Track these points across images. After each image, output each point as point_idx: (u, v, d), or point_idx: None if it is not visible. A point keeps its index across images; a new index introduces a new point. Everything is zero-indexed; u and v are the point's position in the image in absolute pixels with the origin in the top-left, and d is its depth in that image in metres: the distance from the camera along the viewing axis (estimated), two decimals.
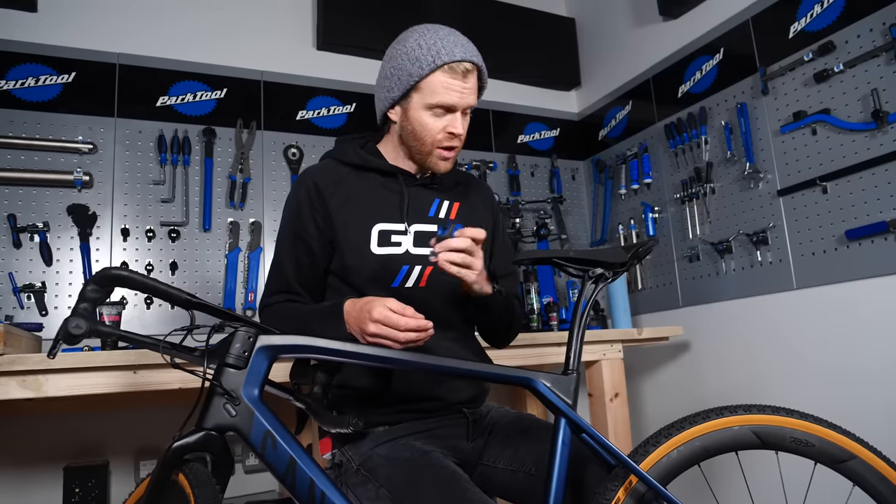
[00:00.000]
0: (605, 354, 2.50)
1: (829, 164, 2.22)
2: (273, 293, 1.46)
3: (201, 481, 1.07)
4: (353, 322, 1.27)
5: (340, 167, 1.50)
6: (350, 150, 1.52)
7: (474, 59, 1.38)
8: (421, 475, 1.22)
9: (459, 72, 1.36)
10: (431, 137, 1.41)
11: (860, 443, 1.16)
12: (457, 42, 1.38)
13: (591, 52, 3.49)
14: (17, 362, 1.57)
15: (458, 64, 1.35)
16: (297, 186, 1.49)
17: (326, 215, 1.44)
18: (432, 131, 1.40)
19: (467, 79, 1.38)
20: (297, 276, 1.45)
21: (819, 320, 2.27)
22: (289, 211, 1.49)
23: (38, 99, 2.42)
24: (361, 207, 1.45)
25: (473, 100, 1.41)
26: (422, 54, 1.36)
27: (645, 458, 1.13)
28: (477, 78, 1.42)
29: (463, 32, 1.48)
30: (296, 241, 1.45)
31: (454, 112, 1.39)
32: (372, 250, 1.42)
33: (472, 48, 1.40)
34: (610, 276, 1.28)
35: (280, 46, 2.91)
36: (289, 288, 1.45)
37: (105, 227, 2.45)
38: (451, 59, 1.35)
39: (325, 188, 1.45)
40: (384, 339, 1.21)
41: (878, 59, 2.10)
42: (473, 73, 1.39)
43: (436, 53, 1.35)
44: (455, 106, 1.38)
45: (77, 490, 2.22)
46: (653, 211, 2.97)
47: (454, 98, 1.37)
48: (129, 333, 1.12)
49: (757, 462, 1.41)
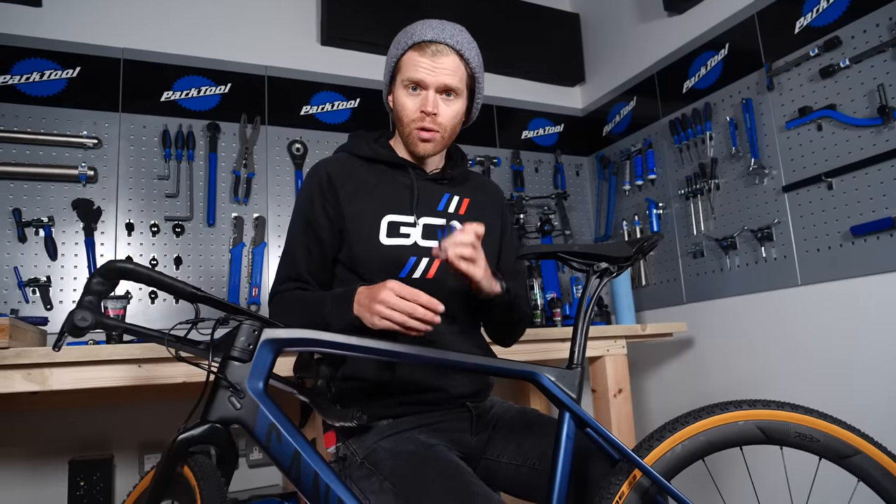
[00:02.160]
0: (609, 350, 2.50)
1: (835, 160, 2.22)
2: (284, 281, 1.47)
3: (206, 474, 1.07)
4: (365, 305, 1.27)
5: (354, 160, 1.53)
6: (363, 143, 1.54)
7: (448, 40, 1.42)
8: (425, 468, 1.22)
9: (427, 50, 1.41)
10: (408, 117, 1.45)
11: (865, 438, 1.16)
12: (436, 26, 1.44)
13: (595, 47, 3.48)
14: (22, 355, 1.57)
15: (428, 44, 1.42)
16: (309, 177, 1.51)
17: (337, 205, 1.45)
18: (409, 111, 1.45)
19: (437, 59, 1.41)
20: (308, 265, 1.46)
21: (824, 316, 2.26)
22: (301, 201, 1.50)
23: (43, 94, 2.42)
24: (372, 199, 1.47)
25: (449, 80, 1.43)
26: (402, 38, 1.46)
27: (649, 452, 1.12)
28: (459, 63, 1.44)
29: (465, 27, 1.49)
30: (307, 231, 1.46)
31: (427, 90, 1.43)
32: (381, 241, 1.43)
33: (455, 33, 1.44)
34: (615, 270, 1.28)
35: (284, 41, 2.90)
36: (299, 276, 1.46)
37: (110, 222, 2.45)
38: (422, 39, 1.42)
39: (336, 179, 1.47)
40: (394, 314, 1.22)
41: (884, 54, 2.09)
42: (448, 56, 1.42)
43: (411, 35, 1.44)
44: (422, 82, 1.42)
45: (82, 483, 2.22)
46: (657, 207, 2.97)
47: (421, 74, 1.42)
48: (135, 326, 1.12)
49: (761, 457, 1.41)
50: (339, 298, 1.34)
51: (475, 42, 1.50)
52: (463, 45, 1.44)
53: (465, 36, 1.47)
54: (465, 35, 1.47)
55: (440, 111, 1.44)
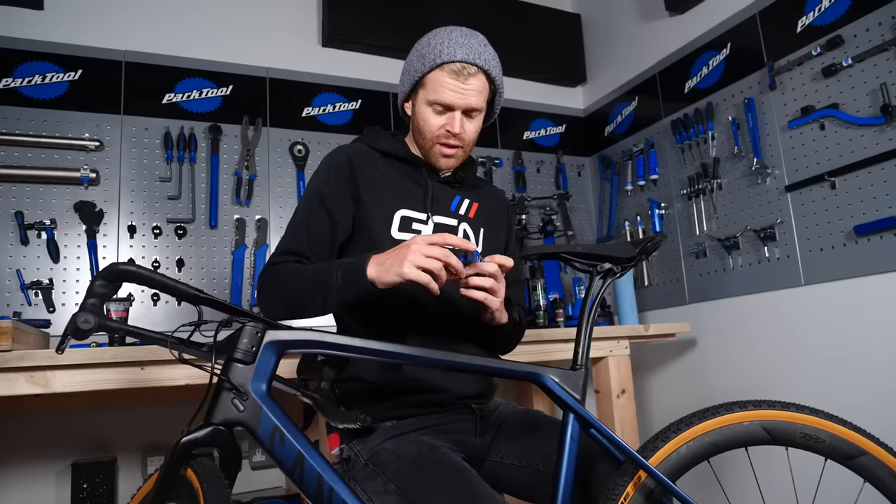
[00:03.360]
0: (612, 351, 2.49)
1: (838, 160, 2.21)
2: (283, 253, 1.41)
3: (210, 476, 1.07)
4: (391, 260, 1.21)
5: (371, 152, 1.53)
6: (381, 138, 1.55)
7: (478, 61, 1.39)
8: (429, 470, 1.22)
9: (460, 73, 1.38)
10: (431, 133, 1.45)
11: (871, 439, 1.15)
12: (465, 44, 1.39)
13: (596, 47, 3.48)
14: (25, 358, 1.57)
15: (459, 65, 1.38)
16: (329, 158, 1.50)
17: (355, 189, 1.45)
18: (432, 127, 1.44)
19: (468, 81, 1.39)
20: (312, 242, 1.42)
21: (828, 316, 2.25)
22: (318, 177, 1.48)
23: (45, 96, 2.42)
24: (387, 192, 1.47)
25: (475, 102, 1.42)
26: (428, 52, 1.41)
27: (654, 453, 1.12)
28: (486, 82, 1.43)
29: (466, 27, 1.49)
30: (319, 207, 1.43)
31: (453, 111, 1.42)
32: (392, 234, 1.43)
33: (482, 51, 1.41)
34: (618, 270, 1.28)
35: (286, 43, 2.90)
36: (301, 252, 1.41)
37: (112, 225, 2.45)
38: (452, 59, 1.38)
39: (356, 165, 1.47)
40: (430, 261, 1.18)
41: (886, 52, 2.08)
42: (477, 77, 1.41)
43: (439, 52, 1.39)
44: (452, 105, 1.41)
45: (85, 486, 2.22)
46: (659, 207, 2.96)
47: (451, 97, 1.40)
48: (137, 329, 1.12)
49: (767, 458, 1.41)
50: (348, 266, 1.27)
51: (493, 49, 1.47)
52: (490, 63, 1.42)
53: (490, 50, 1.44)
54: (490, 49, 1.45)
55: (465, 128, 1.44)
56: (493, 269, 1.27)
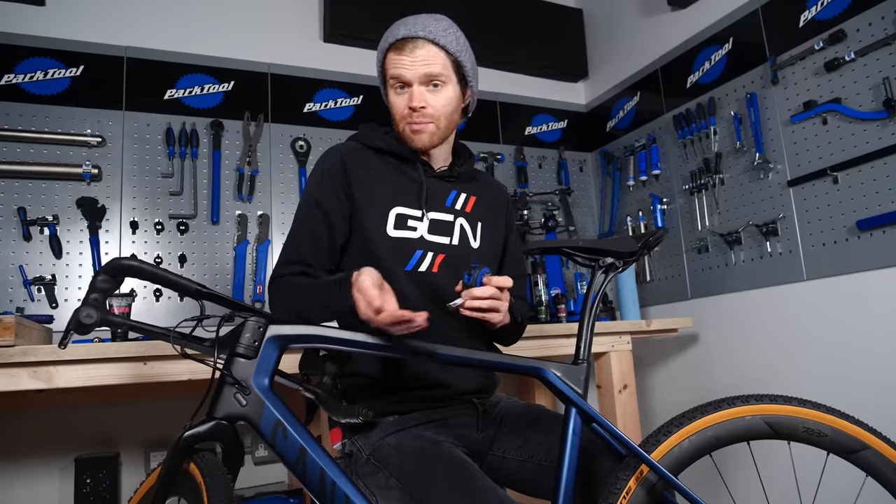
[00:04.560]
0: (614, 346, 2.49)
1: (840, 154, 2.21)
2: (286, 263, 1.44)
3: (213, 470, 1.07)
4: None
5: (365, 149, 1.53)
6: (374, 135, 1.54)
7: (419, 33, 1.42)
8: (431, 464, 1.22)
9: (403, 48, 1.42)
10: (399, 115, 1.47)
11: (873, 433, 1.16)
12: (409, 22, 1.45)
13: (598, 42, 3.47)
14: (28, 353, 1.57)
15: (403, 41, 1.43)
16: (322, 160, 1.51)
17: (349, 189, 1.45)
18: (398, 108, 1.47)
19: (414, 52, 1.42)
20: (312, 249, 1.43)
21: (830, 311, 2.25)
22: (312, 183, 1.49)
23: (47, 92, 2.42)
24: (382, 189, 1.47)
25: (427, 70, 1.42)
26: (381, 43, 1.48)
27: (656, 447, 1.12)
28: (437, 51, 1.43)
29: (467, 23, 1.52)
30: (315, 213, 1.45)
31: (410, 86, 1.44)
32: (388, 232, 1.43)
33: (429, 24, 1.43)
34: (620, 265, 1.28)
35: (287, 39, 2.90)
36: (302, 259, 1.43)
37: (114, 220, 2.45)
38: (395, 38, 1.44)
39: (349, 164, 1.47)
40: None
41: (889, 47, 2.07)
42: (424, 47, 1.42)
43: (386, 38, 1.46)
44: (403, 77, 1.43)
45: (88, 481, 2.23)
46: (661, 202, 2.96)
47: (400, 70, 1.43)
48: (140, 324, 1.12)
49: (769, 452, 1.41)
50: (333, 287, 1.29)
51: (455, 28, 1.48)
52: (437, 33, 1.43)
53: (442, 24, 1.45)
54: (442, 23, 1.45)
55: (429, 101, 1.44)
56: (488, 293, 1.27)
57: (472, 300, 1.27)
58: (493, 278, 1.28)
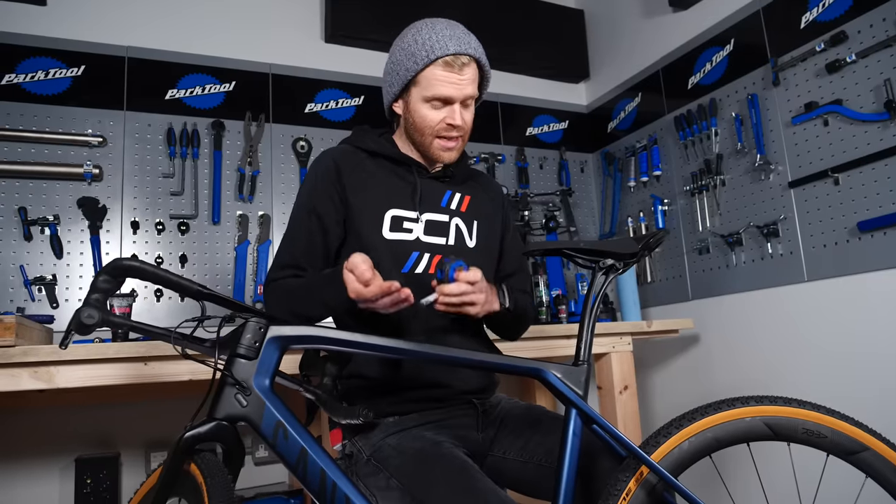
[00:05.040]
0: (615, 347, 2.49)
1: (842, 156, 2.21)
2: (280, 267, 1.45)
3: (213, 471, 1.07)
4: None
5: (358, 152, 1.52)
6: (367, 137, 1.54)
7: (469, 51, 1.40)
8: (432, 465, 1.22)
9: (454, 65, 1.38)
10: (431, 129, 1.44)
11: (873, 434, 1.15)
12: (452, 35, 1.39)
13: (599, 43, 3.47)
14: (29, 353, 1.57)
15: (453, 57, 1.38)
16: (315, 164, 1.51)
17: (343, 193, 1.45)
18: (431, 123, 1.44)
19: (463, 71, 1.39)
20: (306, 253, 1.44)
21: (831, 312, 2.25)
22: (306, 187, 1.49)
23: (48, 92, 2.43)
24: (376, 192, 1.47)
25: (472, 90, 1.43)
26: (417, 49, 1.40)
27: (656, 448, 1.12)
28: (476, 69, 1.43)
29: (470, 24, 1.49)
30: (309, 217, 1.45)
31: (452, 104, 1.42)
32: (383, 235, 1.43)
33: (469, 39, 1.42)
34: (621, 267, 1.28)
35: (288, 39, 2.90)
36: (296, 263, 1.44)
37: (115, 220, 2.45)
38: (445, 53, 1.37)
39: (343, 168, 1.47)
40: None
41: (891, 48, 2.07)
42: (470, 66, 1.41)
43: (430, 48, 1.38)
44: (451, 98, 1.41)
45: (89, 481, 2.23)
46: (662, 203, 2.96)
47: (450, 91, 1.40)
48: (141, 324, 1.12)
49: (769, 454, 1.41)
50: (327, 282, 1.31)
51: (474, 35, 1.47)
52: (479, 50, 1.43)
53: (474, 37, 1.45)
54: (473, 36, 1.45)
55: (464, 119, 1.44)
56: (459, 290, 1.29)
57: (443, 296, 1.28)
58: (463, 273, 1.29)
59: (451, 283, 1.29)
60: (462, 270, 1.30)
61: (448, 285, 1.29)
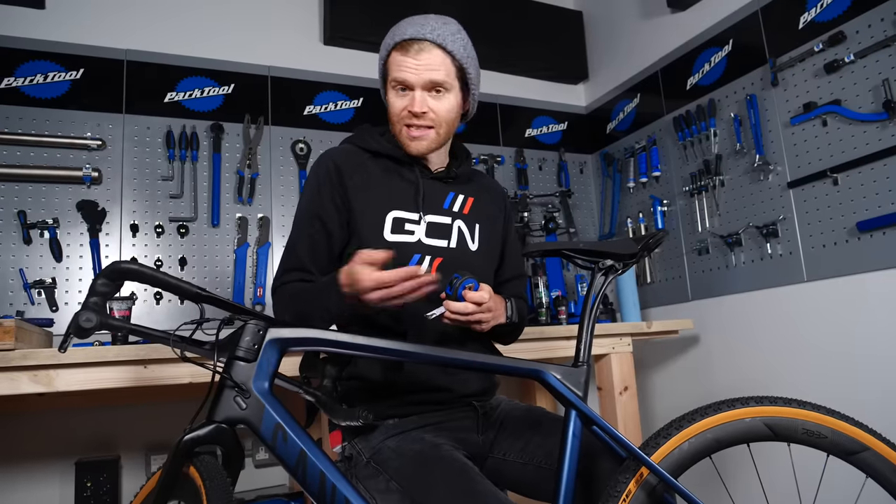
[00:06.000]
0: (615, 348, 2.49)
1: (840, 156, 2.21)
2: (286, 272, 1.45)
3: (212, 474, 1.07)
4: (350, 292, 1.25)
5: (360, 153, 1.52)
6: (370, 137, 1.53)
7: (428, 36, 1.39)
8: (431, 468, 1.22)
9: (409, 49, 1.40)
10: (397, 117, 1.45)
11: (873, 434, 1.15)
12: (417, 22, 1.42)
13: (598, 44, 3.48)
14: (28, 357, 1.57)
15: (409, 42, 1.40)
16: (317, 166, 1.50)
17: (344, 196, 1.44)
18: (396, 110, 1.45)
19: (420, 56, 1.39)
20: (311, 256, 1.44)
21: (830, 313, 2.25)
22: (308, 190, 1.49)
23: (47, 96, 2.43)
24: (378, 193, 1.46)
25: (435, 77, 1.40)
26: (387, 38, 1.44)
27: (656, 450, 1.12)
28: (443, 56, 1.41)
29: (468, 26, 1.49)
30: (312, 220, 1.45)
31: (413, 90, 1.42)
32: (385, 236, 1.43)
33: (437, 27, 1.41)
34: (620, 267, 1.28)
35: (287, 41, 2.91)
36: (301, 266, 1.43)
37: (114, 223, 2.45)
38: (402, 38, 1.40)
39: (344, 169, 1.46)
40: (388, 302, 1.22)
41: (889, 48, 2.07)
42: (430, 52, 1.40)
43: (392, 36, 1.43)
44: (407, 81, 1.41)
45: (89, 484, 2.23)
46: (661, 204, 2.96)
47: (405, 74, 1.41)
48: (140, 327, 1.12)
49: (769, 454, 1.41)
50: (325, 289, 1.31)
51: (464, 33, 1.46)
52: (445, 38, 1.41)
53: (450, 28, 1.43)
54: (450, 27, 1.44)
55: (432, 107, 1.43)
56: (466, 310, 1.30)
57: (450, 313, 1.30)
58: (470, 294, 1.30)
59: (460, 300, 1.30)
60: (471, 290, 1.31)
61: (455, 303, 1.30)
